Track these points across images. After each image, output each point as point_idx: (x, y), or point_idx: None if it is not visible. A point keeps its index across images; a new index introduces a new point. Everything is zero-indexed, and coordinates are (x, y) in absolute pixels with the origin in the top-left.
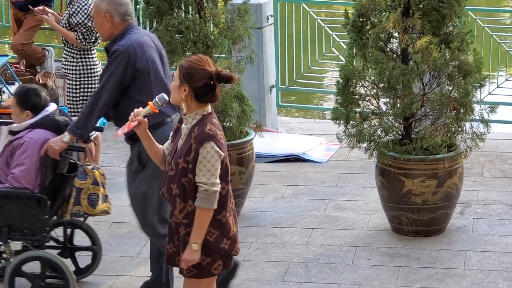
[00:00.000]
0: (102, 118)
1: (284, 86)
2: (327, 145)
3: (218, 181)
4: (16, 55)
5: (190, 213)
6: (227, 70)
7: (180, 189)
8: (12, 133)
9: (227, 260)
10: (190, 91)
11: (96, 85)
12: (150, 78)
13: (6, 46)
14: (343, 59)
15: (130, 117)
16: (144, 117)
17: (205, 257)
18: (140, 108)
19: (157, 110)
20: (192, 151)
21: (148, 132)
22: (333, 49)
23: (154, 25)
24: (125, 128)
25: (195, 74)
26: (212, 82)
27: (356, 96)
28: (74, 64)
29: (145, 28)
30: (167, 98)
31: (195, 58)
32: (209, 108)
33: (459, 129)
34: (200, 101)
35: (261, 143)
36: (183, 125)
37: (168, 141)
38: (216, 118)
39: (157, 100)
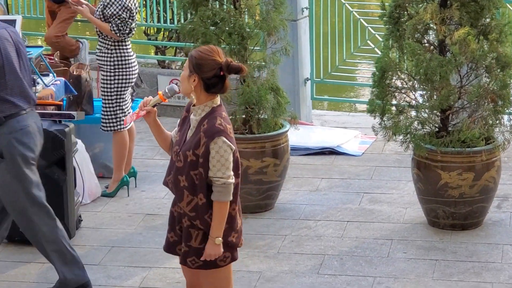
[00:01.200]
0: None
1: (319, 79)
2: (361, 138)
3: (232, 173)
4: (50, 47)
5: (200, 207)
6: (262, 62)
7: (189, 181)
8: None
9: (234, 252)
10: (200, 82)
11: (131, 77)
12: (4, 71)
13: (39, 38)
14: (378, 51)
15: (139, 105)
16: (153, 106)
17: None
18: (150, 97)
19: (166, 100)
20: (202, 145)
21: (158, 120)
22: (368, 41)
23: (189, 16)
24: (134, 116)
25: (204, 64)
26: (221, 73)
27: (392, 88)
28: (109, 55)
29: (179, 20)
30: (177, 88)
31: (205, 48)
32: (218, 100)
33: (497, 121)
34: (209, 92)
35: (295, 136)
36: (191, 116)
37: (176, 129)
38: (225, 111)
39: (166, 90)
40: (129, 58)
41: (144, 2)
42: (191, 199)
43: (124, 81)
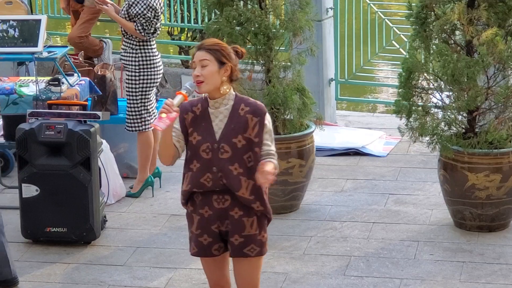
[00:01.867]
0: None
1: (343, 80)
2: (386, 139)
3: None
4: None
5: (257, 187)
6: (288, 63)
7: (243, 166)
8: None
9: None
10: (230, 72)
11: (156, 77)
12: None
13: (59, 38)
14: (403, 52)
15: (163, 109)
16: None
17: (264, 233)
18: (171, 100)
19: (188, 99)
20: (254, 126)
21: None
22: (393, 42)
23: (213, 16)
24: (167, 121)
25: (230, 53)
26: (240, 57)
27: (419, 89)
28: (133, 55)
29: (203, 20)
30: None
31: (215, 40)
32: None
33: None
34: (233, 80)
35: (320, 137)
36: (212, 110)
37: (174, 133)
38: None
39: (189, 88)
40: (154, 58)
41: (168, 2)
42: (248, 183)
43: (149, 81)
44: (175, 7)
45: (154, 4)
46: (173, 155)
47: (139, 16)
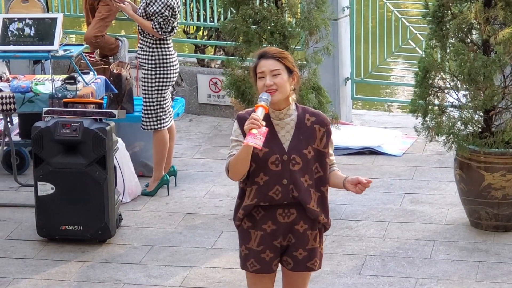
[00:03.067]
0: (178, 108)
1: (359, 79)
2: (402, 138)
3: None
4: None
5: (324, 199)
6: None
7: (312, 178)
8: None
9: None
10: (296, 80)
11: (172, 76)
12: None
13: (74, 37)
14: (420, 51)
15: (252, 124)
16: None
17: (322, 245)
18: (256, 114)
19: (267, 110)
20: (322, 136)
21: None
22: (409, 41)
23: (229, 14)
24: (261, 137)
25: (293, 61)
26: None
27: (435, 88)
28: (150, 54)
29: (219, 18)
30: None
31: (278, 48)
32: None
33: None
34: (295, 90)
35: (335, 136)
36: (277, 121)
37: (234, 149)
38: None
39: (266, 98)
40: (171, 57)
41: (184, 1)
42: (317, 196)
43: (165, 80)
44: (191, 5)
45: (172, 3)
46: (246, 169)
47: (156, 15)
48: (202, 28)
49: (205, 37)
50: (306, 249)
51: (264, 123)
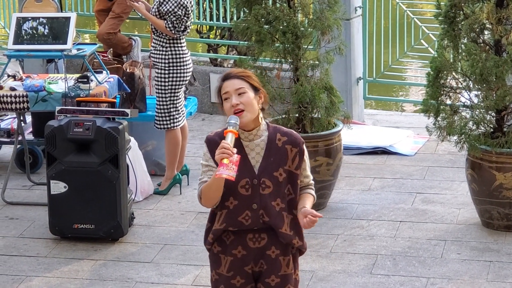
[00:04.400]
0: (191, 107)
1: (371, 78)
2: (414, 138)
3: None
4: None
5: (296, 221)
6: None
7: (285, 201)
8: None
9: None
10: (263, 99)
11: (185, 75)
12: None
13: (88, 36)
14: (432, 51)
15: (223, 154)
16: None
17: (297, 271)
18: (226, 142)
19: (237, 135)
20: (294, 157)
21: None
22: (422, 41)
23: (242, 14)
24: (233, 167)
25: (256, 79)
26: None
27: (447, 88)
28: (163, 53)
29: (231, 18)
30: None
31: (240, 69)
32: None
33: None
34: (264, 109)
35: (347, 135)
36: (246, 142)
37: (211, 172)
38: None
39: (235, 122)
40: (184, 56)
41: (197, 0)
42: (289, 219)
43: (178, 79)
44: (204, 5)
45: (185, 2)
46: (219, 197)
47: (169, 14)
48: (215, 28)
49: (218, 37)
50: (278, 275)
51: (235, 150)
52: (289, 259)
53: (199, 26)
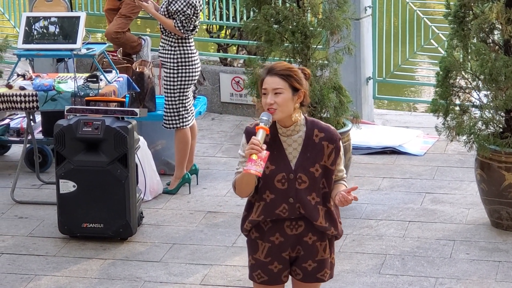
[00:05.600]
0: (200, 107)
1: (381, 78)
2: (424, 138)
3: None
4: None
5: (331, 213)
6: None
7: (320, 195)
8: None
9: None
10: (302, 97)
11: (194, 74)
12: None
13: (99, 36)
14: (442, 51)
15: (252, 150)
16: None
17: (333, 255)
18: (256, 138)
19: (268, 131)
20: (330, 153)
21: None
22: (432, 40)
23: (252, 14)
24: (261, 163)
25: (302, 77)
26: (307, 79)
27: (456, 88)
28: (172, 52)
29: (241, 17)
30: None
31: (286, 64)
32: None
33: None
34: (304, 105)
35: (357, 135)
36: (284, 138)
37: (239, 168)
38: None
39: (267, 119)
40: (192, 55)
41: (207, 0)
42: (324, 211)
43: (186, 78)
44: (214, 4)
45: (194, 2)
46: (253, 189)
47: (178, 13)
48: (225, 27)
49: (228, 36)
50: (315, 260)
51: (264, 146)
52: (326, 245)
53: (209, 25)
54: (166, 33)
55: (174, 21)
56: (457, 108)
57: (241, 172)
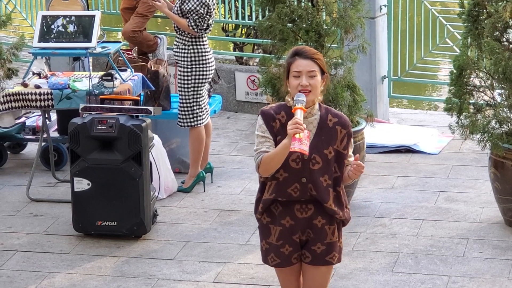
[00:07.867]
0: (215, 105)
1: (396, 77)
2: (439, 137)
3: None
4: (128, 42)
5: (339, 198)
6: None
7: (332, 178)
8: None
9: None
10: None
11: (208, 73)
12: None
13: (119, 34)
14: (457, 49)
15: (297, 129)
16: None
17: (341, 239)
18: (298, 117)
19: (305, 111)
20: (343, 138)
21: None
22: (447, 39)
23: (267, 13)
24: (306, 142)
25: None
26: None
27: (470, 87)
28: (186, 51)
29: (257, 16)
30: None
31: (313, 49)
32: None
33: None
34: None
35: (372, 134)
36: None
37: (268, 143)
38: None
39: (304, 100)
40: (206, 54)
41: None
42: (334, 195)
43: (201, 77)
44: (230, 3)
45: (207, 1)
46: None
47: (192, 12)
48: (241, 26)
49: (244, 35)
50: (324, 243)
51: (305, 126)
52: (334, 228)
53: (225, 24)
54: (180, 32)
55: (188, 20)
56: (471, 106)
57: (265, 151)
